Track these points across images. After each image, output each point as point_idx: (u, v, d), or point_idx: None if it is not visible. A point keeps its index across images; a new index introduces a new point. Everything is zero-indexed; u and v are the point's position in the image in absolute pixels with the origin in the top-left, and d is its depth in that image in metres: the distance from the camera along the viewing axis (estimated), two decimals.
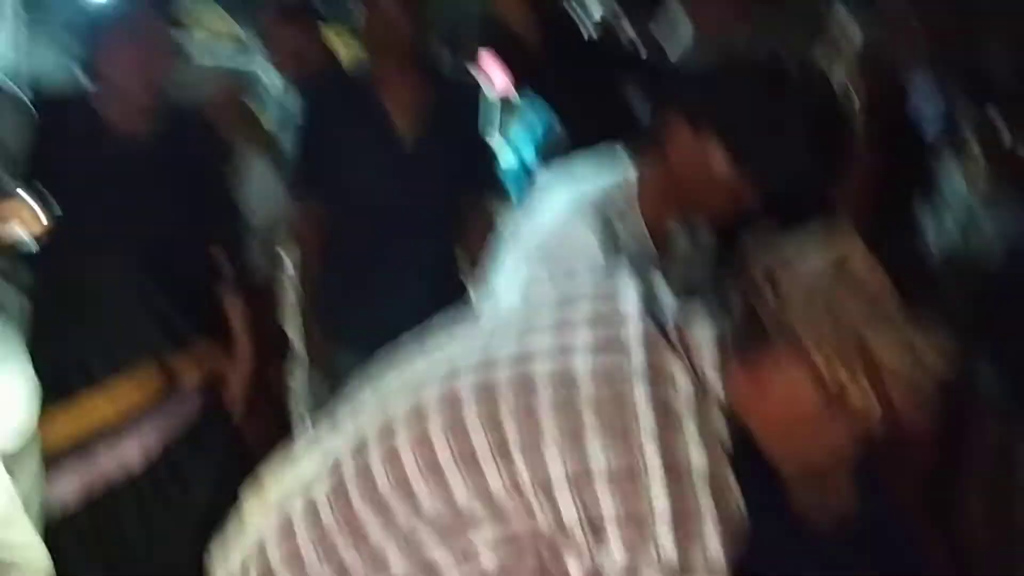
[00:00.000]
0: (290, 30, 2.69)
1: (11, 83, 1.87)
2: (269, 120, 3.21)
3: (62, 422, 1.96)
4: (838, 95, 1.96)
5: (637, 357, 0.83)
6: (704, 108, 1.36)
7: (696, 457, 0.79)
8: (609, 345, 0.85)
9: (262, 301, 2.58)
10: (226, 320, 2.18)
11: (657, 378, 0.82)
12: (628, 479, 0.78)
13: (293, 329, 2.99)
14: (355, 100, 2.29)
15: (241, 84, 2.43)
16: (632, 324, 0.86)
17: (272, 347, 2.60)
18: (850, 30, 2.19)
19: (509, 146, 3.22)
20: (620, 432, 0.80)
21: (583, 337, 0.86)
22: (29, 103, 1.90)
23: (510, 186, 2.87)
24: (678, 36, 2.03)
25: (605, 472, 0.79)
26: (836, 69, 2.16)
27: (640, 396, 0.81)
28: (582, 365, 0.84)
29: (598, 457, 0.79)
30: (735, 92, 1.37)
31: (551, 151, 2.61)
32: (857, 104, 2.04)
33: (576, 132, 2.12)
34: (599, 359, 0.84)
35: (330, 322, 2.41)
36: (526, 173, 3.02)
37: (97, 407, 1.97)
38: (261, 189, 2.55)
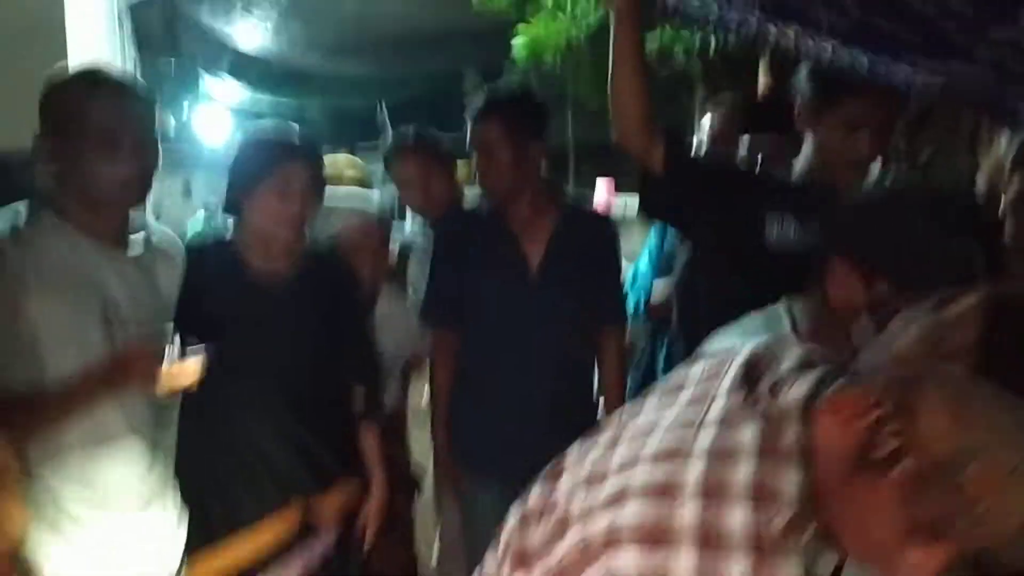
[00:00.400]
0: (415, 165, 2.79)
1: (169, 233, 1.95)
2: (394, 252, 3.32)
3: (206, 563, 1.97)
4: (991, 217, 1.86)
5: None
6: (870, 248, 1.33)
7: None
8: None
9: (392, 434, 2.61)
10: (360, 455, 2.19)
11: None
12: None
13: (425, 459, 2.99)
14: (485, 230, 2.35)
15: (376, 222, 2.50)
16: None
17: (401, 480, 2.60)
18: (1003, 148, 2.12)
19: (631, 269, 3.20)
20: None
21: None
22: (183, 252, 1.96)
23: (631, 307, 2.83)
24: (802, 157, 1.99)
25: None
26: (988, 185, 2.09)
27: None
28: None
29: None
30: (901, 229, 1.34)
31: (671, 271, 2.59)
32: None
33: (707, 255, 2.09)
34: None
35: (460, 451, 2.43)
36: (645, 295, 2.97)
37: (240, 548, 1.98)
38: (392, 321, 2.60)
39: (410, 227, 3.46)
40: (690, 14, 1.70)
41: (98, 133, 1.64)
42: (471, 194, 2.94)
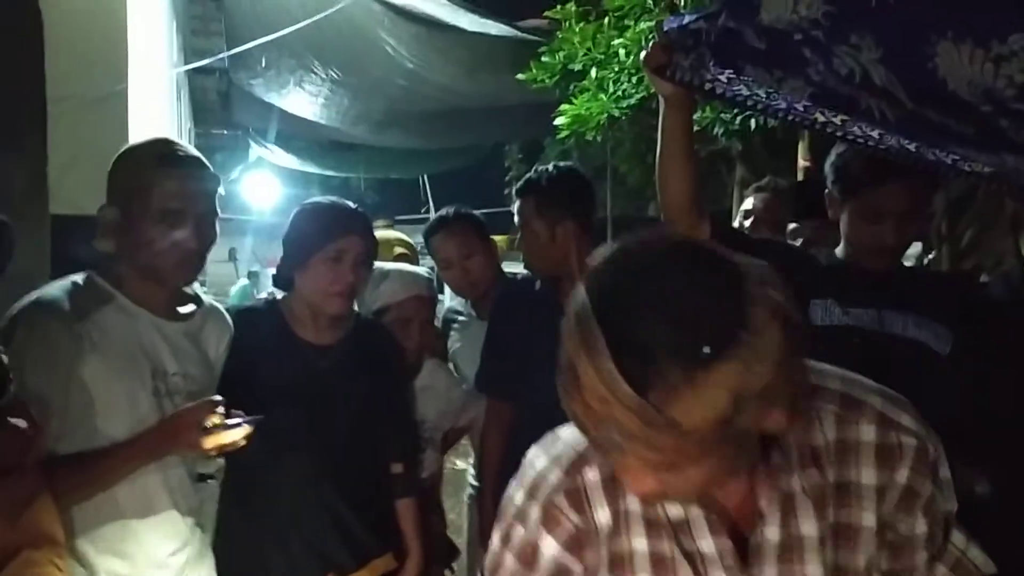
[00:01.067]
0: (455, 244, 2.83)
1: (217, 304, 1.99)
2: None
3: None
4: None
5: None
6: None
7: None
8: None
9: (429, 502, 2.61)
10: (397, 527, 2.18)
11: None
12: None
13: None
14: (538, 303, 2.37)
15: (425, 297, 2.55)
16: None
17: (437, 547, 2.59)
18: None
19: None
20: None
21: None
22: (228, 319, 1.98)
23: None
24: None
25: None
26: None
27: None
28: None
29: None
30: None
31: None
32: None
33: None
34: None
35: None
36: None
37: None
38: (434, 392, 2.63)
39: (449, 301, 3.51)
40: (736, 100, 1.72)
41: (164, 210, 1.67)
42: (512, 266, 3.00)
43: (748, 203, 3.11)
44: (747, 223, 3.05)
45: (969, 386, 1.74)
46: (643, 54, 1.80)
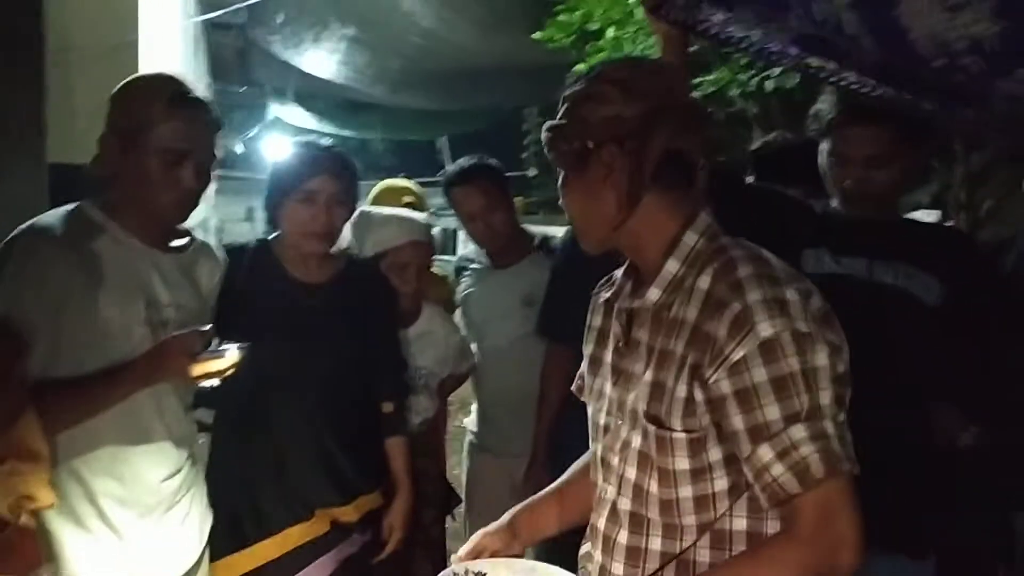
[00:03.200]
0: (476, 194, 2.79)
1: (202, 236, 2.01)
2: (449, 274, 3.38)
3: (232, 564, 2.00)
4: None
5: None
6: None
7: None
8: None
9: (427, 447, 2.63)
10: (387, 463, 2.21)
11: None
12: None
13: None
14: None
15: (422, 243, 2.54)
16: None
17: (433, 494, 2.62)
18: None
19: None
20: None
21: None
22: (220, 255, 2.01)
23: None
24: None
25: None
26: None
27: None
28: None
29: None
30: None
31: None
32: None
33: None
34: None
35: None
36: None
37: (266, 549, 2.01)
38: (432, 339, 2.63)
39: (462, 249, 3.51)
40: (730, 41, 1.72)
41: (169, 148, 1.68)
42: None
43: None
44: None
45: (958, 338, 1.73)
46: None
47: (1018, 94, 1.18)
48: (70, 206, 1.73)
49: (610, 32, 4.74)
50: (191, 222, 1.87)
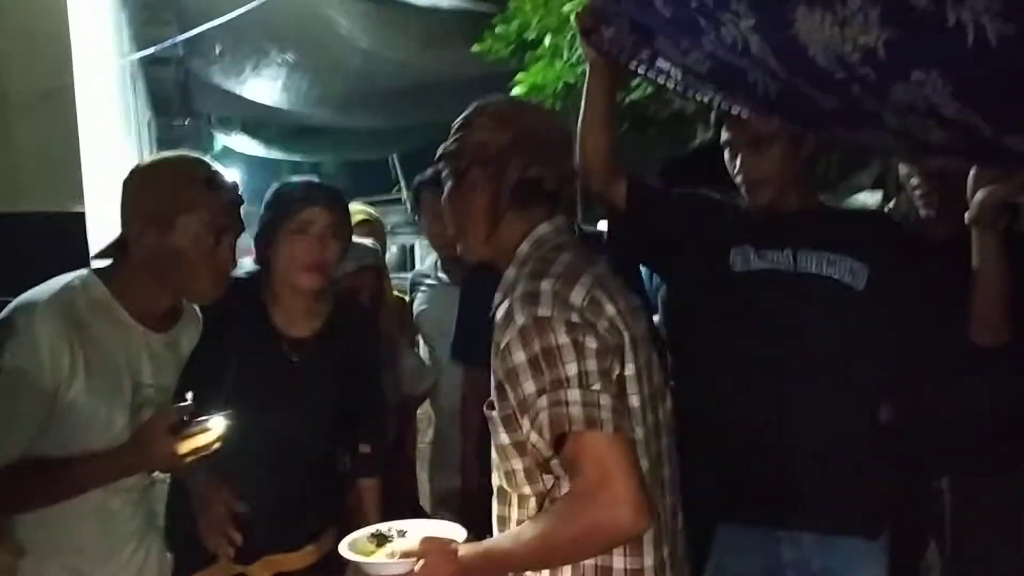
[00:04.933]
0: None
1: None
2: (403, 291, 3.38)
3: None
4: None
5: None
6: None
7: None
8: None
9: (399, 473, 2.64)
10: (360, 501, 2.19)
11: None
12: None
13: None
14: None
15: (372, 269, 2.55)
16: None
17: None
18: None
19: None
20: None
21: None
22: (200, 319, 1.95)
23: None
24: None
25: None
26: None
27: None
28: None
29: None
30: None
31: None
32: None
33: (676, 290, 2.14)
34: None
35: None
36: None
37: None
38: (400, 362, 2.65)
39: (419, 265, 3.51)
40: (656, 77, 1.76)
41: (206, 233, 1.66)
42: None
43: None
44: None
45: (884, 320, 1.78)
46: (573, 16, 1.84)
47: (914, 98, 1.22)
48: (74, 279, 1.67)
49: (547, 40, 4.78)
50: None
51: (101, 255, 1.72)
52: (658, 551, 1.41)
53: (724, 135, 1.94)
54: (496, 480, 1.50)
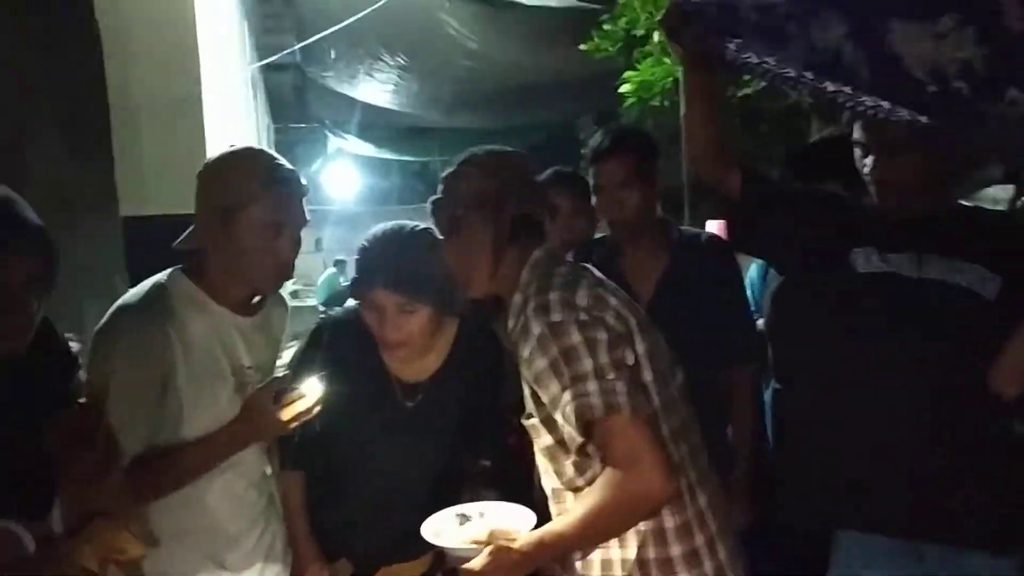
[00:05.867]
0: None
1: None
2: None
3: None
4: None
5: None
6: None
7: None
8: None
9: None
10: None
11: None
12: None
13: None
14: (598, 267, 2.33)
15: None
16: None
17: None
18: None
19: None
20: None
21: None
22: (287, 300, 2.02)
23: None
24: None
25: None
26: None
27: None
28: None
29: None
30: None
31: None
32: None
33: (792, 286, 2.06)
34: None
35: None
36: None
37: None
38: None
39: None
40: (747, 67, 1.73)
41: (268, 224, 1.70)
42: None
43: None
44: None
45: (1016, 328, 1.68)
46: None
47: (1009, 115, 1.18)
48: (161, 277, 1.76)
49: (656, 36, 4.73)
50: None
51: (180, 245, 1.79)
52: (694, 503, 1.53)
53: (856, 133, 1.86)
54: (547, 483, 1.62)
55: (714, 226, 7.12)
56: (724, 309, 2.28)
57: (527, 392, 1.55)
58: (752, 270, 2.85)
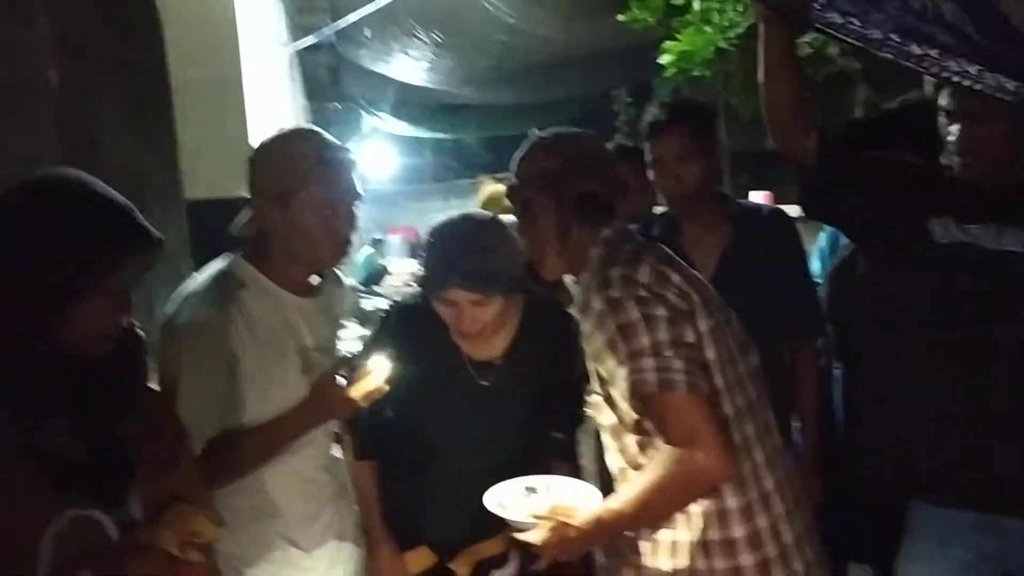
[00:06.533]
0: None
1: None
2: None
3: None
4: None
5: None
6: None
7: None
8: None
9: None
10: None
11: None
12: None
13: None
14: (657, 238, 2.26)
15: None
16: None
17: None
18: None
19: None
20: None
21: None
22: (346, 280, 2.04)
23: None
24: None
25: None
26: None
27: None
28: None
29: None
30: None
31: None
32: None
33: (867, 254, 2.01)
34: None
35: None
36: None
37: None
38: None
39: None
40: (831, 27, 1.68)
41: (325, 203, 1.71)
42: None
43: None
44: None
45: None
46: None
47: None
48: (218, 262, 1.77)
49: (696, 5, 4.65)
50: None
51: (239, 231, 1.79)
52: (759, 485, 1.51)
53: (943, 100, 1.80)
54: (612, 462, 1.61)
55: (758, 197, 7.03)
56: (787, 284, 2.24)
57: (591, 369, 1.56)
58: (822, 239, 2.79)
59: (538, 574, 1.97)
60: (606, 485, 1.67)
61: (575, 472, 2.11)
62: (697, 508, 1.49)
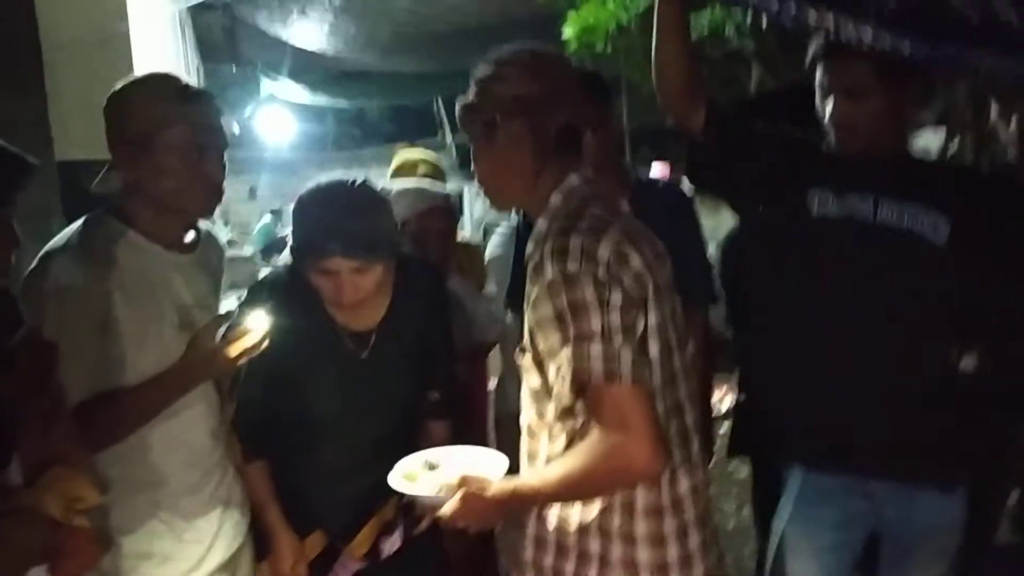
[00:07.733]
0: None
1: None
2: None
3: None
4: None
5: None
6: None
7: None
8: None
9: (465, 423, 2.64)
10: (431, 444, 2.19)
11: None
12: None
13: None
14: None
15: (442, 208, 2.56)
16: None
17: None
18: None
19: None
20: None
21: None
22: (221, 238, 2.03)
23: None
24: None
25: None
26: None
27: None
28: None
29: None
30: None
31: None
32: None
33: (750, 226, 2.08)
34: None
35: None
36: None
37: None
38: (456, 307, 2.64)
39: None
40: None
41: (191, 145, 1.66)
42: None
43: None
44: None
45: (964, 276, 1.73)
46: None
47: None
48: (87, 220, 1.71)
49: None
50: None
51: (100, 187, 1.73)
52: (673, 487, 1.49)
53: (819, 76, 1.87)
54: (525, 419, 1.58)
55: (656, 169, 7.13)
56: (679, 253, 2.30)
57: (526, 328, 1.49)
58: None
59: (425, 536, 2.02)
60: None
61: (453, 430, 2.15)
62: (616, 499, 1.47)
